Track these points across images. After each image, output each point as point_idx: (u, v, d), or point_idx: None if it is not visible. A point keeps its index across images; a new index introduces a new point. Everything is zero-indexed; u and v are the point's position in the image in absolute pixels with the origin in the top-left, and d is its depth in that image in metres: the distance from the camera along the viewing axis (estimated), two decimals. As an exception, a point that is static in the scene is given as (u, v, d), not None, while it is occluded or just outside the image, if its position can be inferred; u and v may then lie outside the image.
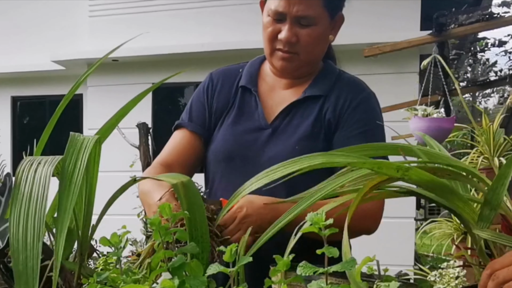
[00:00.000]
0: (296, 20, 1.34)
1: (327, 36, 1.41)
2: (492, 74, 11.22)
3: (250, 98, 1.45)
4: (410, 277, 4.00)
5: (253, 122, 1.42)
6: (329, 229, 0.79)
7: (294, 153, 1.30)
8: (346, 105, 1.38)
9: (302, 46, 1.36)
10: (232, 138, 1.41)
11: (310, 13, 1.33)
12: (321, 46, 1.41)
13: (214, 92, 1.48)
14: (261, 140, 1.39)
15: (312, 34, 1.35)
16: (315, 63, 1.45)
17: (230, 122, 1.44)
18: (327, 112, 1.39)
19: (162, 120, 6.77)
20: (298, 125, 1.38)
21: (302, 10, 1.33)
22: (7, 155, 7.49)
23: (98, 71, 6.23)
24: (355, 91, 1.42)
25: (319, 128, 1.38)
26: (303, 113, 1.40)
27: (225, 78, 1.49)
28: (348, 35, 6.15)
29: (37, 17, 7.49)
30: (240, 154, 1.37)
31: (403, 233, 5.85)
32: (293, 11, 1.33)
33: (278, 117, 1.41)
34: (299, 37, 1.35)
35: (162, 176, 1.05)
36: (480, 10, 3.41)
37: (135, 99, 1.11)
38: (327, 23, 1.38)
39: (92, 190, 0.97)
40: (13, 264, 0.71)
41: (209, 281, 0.86)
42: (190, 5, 6.65)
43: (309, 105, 1.41)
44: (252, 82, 1.46)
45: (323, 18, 1.37)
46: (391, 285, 0.72)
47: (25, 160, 0.81)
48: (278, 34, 1.36)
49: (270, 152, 1.37)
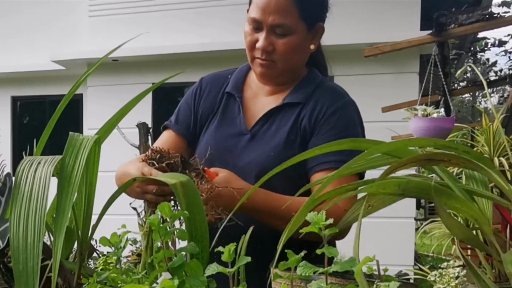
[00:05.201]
0: (272, 29, 1.37)
1: (306, 45, 1.43)
2: (492, 74, 11.23)
3: (234, 104, 1.49)
4: (410, 277, 4.00)
5: (234, 128, 1.45)
6: (329, 229, 0.79)
7: (269, 159, 1.35)
8: (322, 112, 1.39)
9: (278, 54, 1.39)
10: (214, 143, 1.44)
11: (285, 22, 1.36)
12: (299, 55, 1.43)
13: (201, 97, 1.52)
14: (240, 145, 1.42)
15: (288, 43, 1.38)
16: (295, 71, 1.47)
17: (213, 127, 1.48)
18: (304, 119, 1.40)
19: (162, 120, 6.72)
20: (275, 132, 1.41)
21: (278, 19, 1.35)
22: (7, 155, 7.50)
23: (98, 71, 6.22)
24: (333, 98, 1.42)
25: (295, 135, 1.40)
26: (281, 120, 1.42)
27: (213, 83, 1.54)
28: (348, 35, 6.18)
29: (37, 17, 7.50)
30: (220, 158, 1.40)
31: (403, 233, 5.85)
32: (268, 20, 1.36)
33: (258, 123, 1.44)
34: (275, 46, 1.38)
35: (161, 176, 1.05)
36: (480, 10, 3.40)
37: (134, 99, 1.11)
38: (304, 33, 1.40)
39: (92, 190, 0.97)
40: (13, 264, 0.71)
41: (209, 281, 0.86)
42: (190, 5, 6.65)
43: (287, 112, 1.43)
44: (237, 88, 1.50)
45: (300, 28, 1.38)
46: (391, 285, 0.72)
47: (25, 160, 0.81)
48: (256, 43, 1.40)
49: (247, 157, 1.40)
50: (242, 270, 0.93)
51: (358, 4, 6.07)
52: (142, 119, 1.61)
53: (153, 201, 1.15)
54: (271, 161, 1.35)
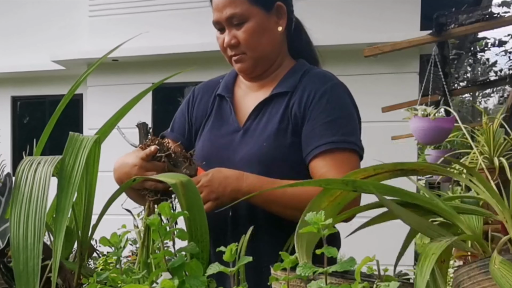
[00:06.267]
0: (229, 23, 1.42)
1: (270, 28, 1.44)
2: (492, 74, 11.23)
3: (226, 104, 1.52)
4: (410, 277, 3.99)
5: (228, 127, 1.48)
6: (328, 229, 0.79)
7: (262, 150, 1.38)
8: (311, 97, 1.40)
9: (244, 44, 1.42)
10: (209, 143, 1.48)
11: (236, 11, 1.40)
12: (265, 39, 1.44)
13: (194, 104, 1.57)
14: (234, 142, 1.45)
15: (247, 30, 1.41)
16: (270, 57, 1.48)
17: (208, 129, 1.51)
18: (293, 107, 1.41)
19: (162, 120, 6.76)
20: (267, 123, 1.42)
21: (229, 11, 1.41)
22: (7, 155, 7.49)
23: (98, 71, 6.23)
24: (320, 82, 1.42)
25: (286, 124, 1.40)
26: (271, 111, 1.44)
27: (205, 90, 1.59)
28: (348, 35, 6.19)
29: (37, 17, 7.49)
30: (217, 156, 1.43)
31: (403, 233, 5.83)
32: (223, 16, 1.42)
33: (249, 118, 1.46)
34: (238, 38, 1.42)
35: (161, 176, 1.05)
36: (480, 10, 3.40)
37: (134, 99, 1.11)
38: (262, 16, 1.42)
39: (92, 190, 0.97)
40: (13, 264, 0.71)
41: (209, 281, 0.86)
42: (190, 5, 6.64)
43: (276, 103, 1.44)
44: (227, 89, 1.53)
45: (254, 12, 1.41)
46: (391, 285, 0.72)
47: (25, 160, 0.81)
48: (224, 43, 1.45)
49: (241, 152, 1.42)
50: (242, 270, 0.93)
51: (358, 4, 6.07)
52: (142, 119, 1.59)
53: (152, 188, 1.15)
54: (265, 151, 1.38)
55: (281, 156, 1.38)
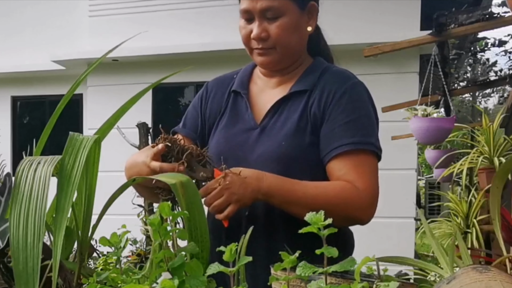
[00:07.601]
0: (262, 14, 1.36)
1: (301, 26, 1.41)
2: (492, 74, 11.24)
3: (242, 101, 1.48)
4: (410, 277, 3.99)
5: (244, 124, 1.44)
6: (328, 229, 0.79)
7: (280, 149, 1.35)
8: (330, 96, 1.38)
9: (274, 39, 1.37)
10: (224, 141, 1.44)
11: (274, 4, 1.35)
12: (295, 37, 1.41)
13: (208, 100, 1.53)
14: (251, 139, 1.41)
15: (281, 25, 1.37)
16: (296, 55, 1.45)
17: (222, 126, 1.47)
18: (313, 106, 1.39)
19: (162, 120, 6.75)
20: (285, 122, 1.40)
21: (265, 2, 1.35)
22: (7, 155, 7.49)
23: (98, 71, 6.23)
24: (340, 81, 1.40)
25: (305, 123, 1.38)
26: (289, 109, 1.41)
27: (219, 85, 1.54)
28: (348, 35, 6.18)
29: (37, 17, 7.49)
30: (233, 155, 1.39)
31: (403, 233, 5.84)
32: (257, 6, 1.35)
33: (267, 116, 1.43)
34: (269, 31, 1.37)
35: (161, 176, 1.05)
36: (480, 10, 3.40)
37: (133, 99, 1.11)
38: (297, 14, 1.39)
39: (92, 190, 0.97)
40: (13, 264, 0.71)
41: (209, 281, 0.86)
42: (190, 5, 6.64)
43: (295, 101, 1.42)
44: (242, 85, 1.49)
45: (291, 8, 1.37)
46: (391, 285, 0.72)
47: (25, 160, 0.81)
48: (250, 34, 1.39)
49: (258, 150, 1.39)
50: (242, 270, 0.93)
51: (358, 4, 6.07)
52: (142, 119, 1.60)
53: (166, 187, 1.15)
54: (283, 151, 1.35)
55: (300, 156, 1.35)
